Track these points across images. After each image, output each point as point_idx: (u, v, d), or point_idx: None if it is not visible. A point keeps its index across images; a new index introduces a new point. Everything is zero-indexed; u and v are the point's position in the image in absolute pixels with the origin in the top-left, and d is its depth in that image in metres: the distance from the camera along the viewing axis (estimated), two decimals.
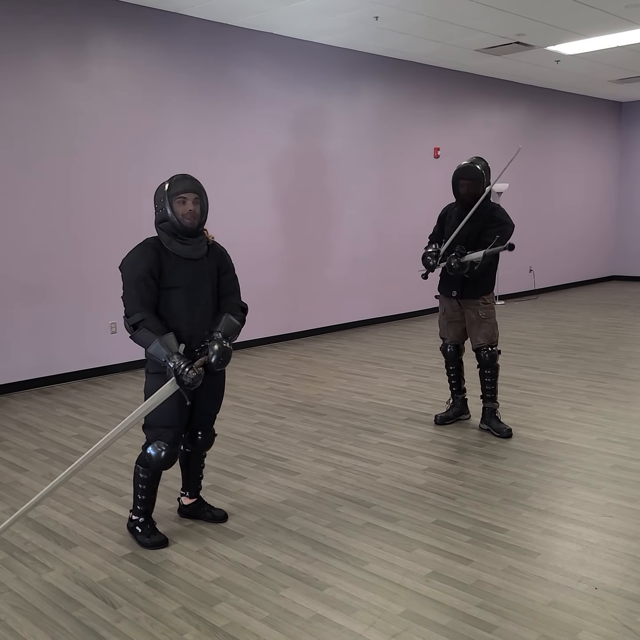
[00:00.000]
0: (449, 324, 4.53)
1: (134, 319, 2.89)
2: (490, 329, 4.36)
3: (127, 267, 2.97)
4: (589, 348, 6.95)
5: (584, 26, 6.99)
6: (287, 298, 7.61)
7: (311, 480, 3.77)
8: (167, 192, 2.98)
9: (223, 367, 2.98)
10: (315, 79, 7.60)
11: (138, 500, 3.10)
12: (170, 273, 2.97)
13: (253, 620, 2.49)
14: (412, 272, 8.39)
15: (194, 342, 2.98)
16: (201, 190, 3.06)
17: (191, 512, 3.33)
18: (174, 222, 2.96)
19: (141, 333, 2.88)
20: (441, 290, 4.53)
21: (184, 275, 2.99)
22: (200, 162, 6.69)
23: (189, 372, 2.82)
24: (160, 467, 3.04)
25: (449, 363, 4.62)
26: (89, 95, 5.90)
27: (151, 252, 2.97)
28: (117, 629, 2.46)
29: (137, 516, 3.12)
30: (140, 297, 2.91)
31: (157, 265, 2.95)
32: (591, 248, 12.13)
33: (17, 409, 5.23)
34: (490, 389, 4.45)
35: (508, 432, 4.35)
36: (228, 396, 5.46)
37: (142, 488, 3.08)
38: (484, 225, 4.25)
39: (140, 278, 2.92)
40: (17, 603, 2.64)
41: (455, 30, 7.08)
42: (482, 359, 4.40)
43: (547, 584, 2.70)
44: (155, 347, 2.85)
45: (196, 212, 3.00)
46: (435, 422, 4.62)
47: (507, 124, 10.10)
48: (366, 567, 2.85)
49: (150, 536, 3.07)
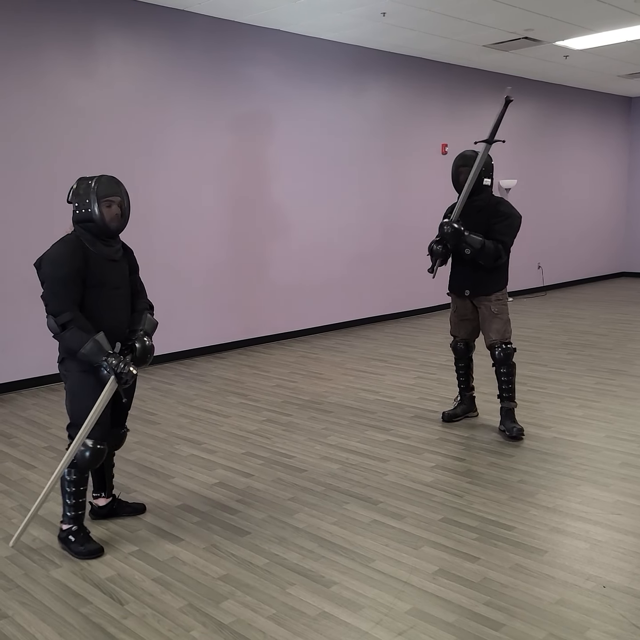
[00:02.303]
0: (461, 321, 4.49)
1: (62, 318, 2.87)
2: (502, 324, 4.29)
3: (52, 265, 2.93)
4: (598, 345, 6.92)
5: (592, 21, 6.94)
6: (294, 295, 7.60)
7: (318, 477, 3.77)
8: (95, 193, 2.96)
9: (147, 364, 3.10)
10: (323, 75, 7.58)
11: (67, 506, 3.01)
12: (94, 273, 2.97)
13: (259, 618, 2.50)
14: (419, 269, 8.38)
15: (115, 339, 3.02)
16: (125, 193, 3.08)
17: (109, 512, 3.30)
18: (100, 225, 2.97)
19: (72, 333, 2.87)
20: (452, 289, 4.48)
21: (106, 276, 3.02)
22: (206, 159, 6.70)
23: (129, 371, 2.92)
24: (88, 466, 2.99)
25: (458, 360, 4.59)
26: (95, 92, 5.91)
27: (79, 250, 2.96)
28: (124, 626, 2.47)
29: (68, 525, 3.01)
30: (68, 296, 2.90)
31: (83, 264, 2.94)
32: (600, 244, 12.07)
33: (25, 406, 5.26)
34: (507, 388, 4.34)
35: (518, 431, 4.26)
36: (235, 393, 5.47)
37: (70, 491, 2.99)
38: (489, 219, 4.20)
39: (68, 276, 2.90)
40: (25, 599, 2.66)
41: (463, 26, 7.04)
42: (496, 356, 4.32)
43: (554, 582, 2.69)
44: (90, 347, 2.86)
45: (120, 215, 3.04)
46: (443, 419, 4.60)
47: (516, 119, 10.05)
48: (373, 564, 2.84)
49: (85, 544, 2.96)
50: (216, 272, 6.90)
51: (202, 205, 6.73)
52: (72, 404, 3.02)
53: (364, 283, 8.31)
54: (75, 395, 3.01)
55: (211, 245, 6.84)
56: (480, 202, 4.22)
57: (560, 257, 11.21)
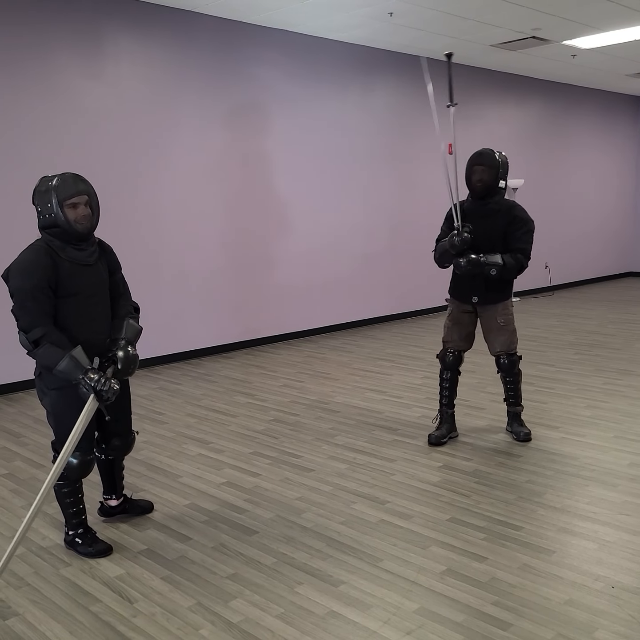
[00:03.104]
0: (454, 325, 4.24)
1: (34, 334, 2.67)
2: (508, 336, 4.16)
3: (19, 277, 2.71)
4: (605, 345, 6.90)
5: (600, 20, 6.92)
6: (301, 295, 7.61)
7: (325, 477, 3.78)
8: (56, 196, 2.72)
9: (132, 375, 2.93)
10: (330, 75, 7.59)
11: (70, 515, 2.98)
12: (66, 280, 2.76)
13: (268, 616, 2.51)
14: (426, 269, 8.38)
15: (95, 351, 2.84)
16: (91, 189, 2.82)
17: (121, 512, 3.31)
18: (67, 229, 2.75)
19: (45, 349, 2.67)
20: (454, 295, 4.25)
21: (80, 282, 2.81)
22: (214, 160, 6.71)
23: (110, 387, 2.74)
24: (79, 476, 2.95)
25: (445, 372, 4.28)
26: (102, 92, 5.93)
27: (46, 258, 2.73)
28: (134, 624, 2.48)
29: (73, 530, 3.00)
30: (38, 310, 2.69)
31: (53, 273, 2.72)
32: (607, 244, 12.03)
33: (34, 405, 5.28)
34: (512, 394, 4.29)
35: (525, 435, 4.22)
36: (243, 393, 5.49)
37: (68, 502, 2.97)
38: (507, 227, 4.02)
39: (37, 288, 2.68)
40: (35, 597, 2.67)
41: (470, 26, 7.03)
42: (501, 365, 4.23)
43: (562, 582, 2.68)
44: (66, 364, 2.67)
45: (88, 215, 2.80)
46: (430, 442, 4.20)
47: (523, 119, 10.04)
48: (380, 564, 2.85)
49: (93, 545, 2.96)
50: (223, 272, 6.91)
51: (210, 205, 6.74)
52: (55, 422, 2.90)
53: (370, 283, 8.31)
54: (57, 414, 2.87)
55: (218, 245, 6.86)
56: (494, 205, 4.04)
57: (568, 256, 11.18)
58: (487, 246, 4.03)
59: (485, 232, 4.03)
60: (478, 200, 4.07)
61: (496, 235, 4.05)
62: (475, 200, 4.09)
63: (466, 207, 4.13)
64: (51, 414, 2.91)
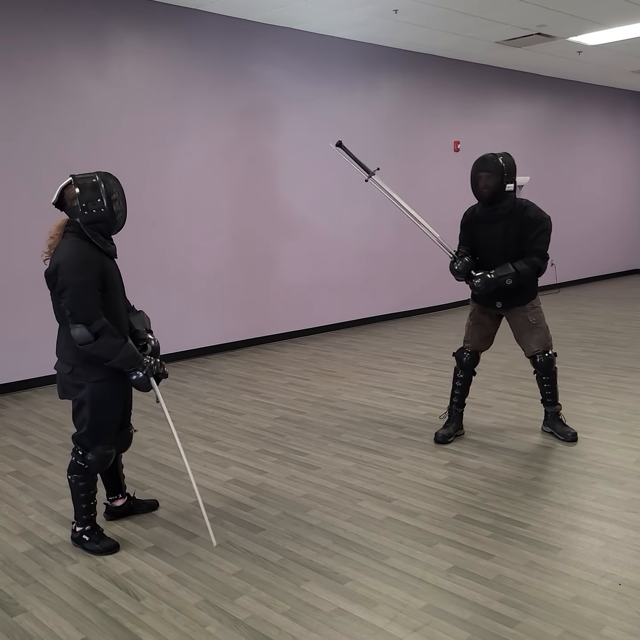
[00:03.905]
0: (475, 325, 4.22)
1: (96, 326, 2.77)
2: (543, 333, 4.11)
3: (74, 272, 2.78)
4: (612, 342, 6.87)
5: (606, 16, 6.89)
6: (306, 293, 7.61)
7: (331, 474, 3.78)
8: (105, 192, 2.85)
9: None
10: (335, 73, 7.58)
11: (81, 510, 3.01)
12: (108, 275, 2.90)
13: (274, 613, 2.51)
14: (432, 267, 8.38)
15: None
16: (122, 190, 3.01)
17: (126, 511, 3.31)
18: (111, 223, 2.89)
19: (105, 340, 2.79)
20: (477, 300, 4.19)
21: (114, 277, 2.96)
22: (218, 157, 6.72)
23: (164, 371, 3.00)
24: (98, 470, 3.01)
25: (460, 370, 4.27)
26: (108, 91, 5.94)
27: (94, 253, 2.86)
28: (141, 621, 2.49)
29: (81, 527, 3.02)
30: (96, 303, 2.81)
31: (102, 268, 2.86)
32: (614, 242, 11.98)
33: (40, 403, 5.30)
34: (550, 394, 4.23)
35: (573, 435, 4.15)
36: (248, 391, 5.49)
37: (83, 496, 2.99)
38: (520, 230, 3.94)
39: (93, 281, 2.80)
40: (42, 594, 2.68)
41: (475, 23, 7.01)
42: (538, 365, 4.13)
43: (569, 579, 2.68)
44: (125, 352, 2.83)
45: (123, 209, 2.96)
46: (436, 440, 4.19)
47: (529, 116, 10.00)
48: (387, 561, 2.85)
49: (100, 542, 2.99)
50: (229, 271, 6.92)
51: (216, 205, 6.75)
52: (92, 413, 2.92)
53: (376, 281, 8.30)
54: (99, 405, 2.92)
55: (224, 244, 6.86)
56: (502, 210, 3.94)
57: (574, 254, 11.14)
58: (499, 252, 3.98)
59: (497, 238, 3.99)
60: (487, 206, 4.00)
61: (509, 239, 3.98)
62: (485, 206, 4.02)
63: (477, 213, 4.10)
64: (89, 405, 2.92)
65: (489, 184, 3.91)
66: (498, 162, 3.90)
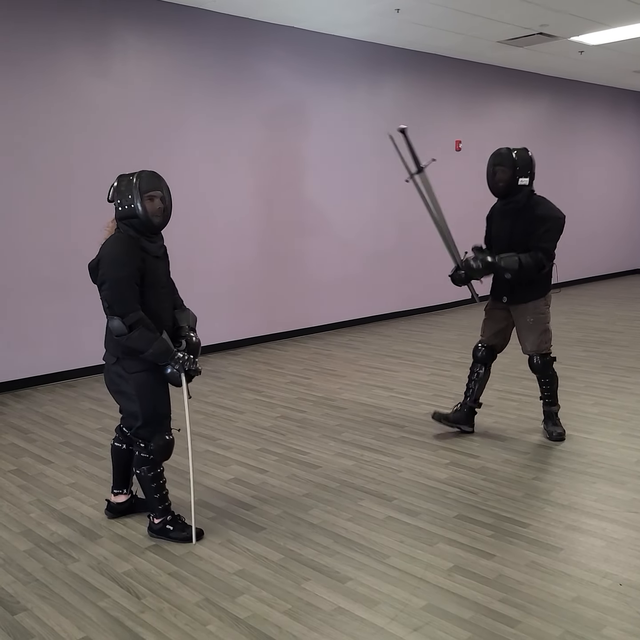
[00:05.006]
0: (488, 319, 4.28)
1: (131, 319, 2.85)
2: (537, 336, 4.10)
3: (115, 266, 2.87)
4: (613, 342, 6.87)
5: (608, 16, 6.88)
6: (307, 292, 7.61)
7: (332, 473, 3.78)
8: (138, 188, 2.91)
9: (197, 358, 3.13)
10: (337, 72, 7.57)
11: (156, 501, 3.06)
12: (148, 271, 2.95)
13: (275, 612, 2.51)
14: (434, 266, 8.36)
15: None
16: (166, 188, 3.03)
17: (127, 509, 3.31)
18: (144, 220, 2.92)
19: (140, 333, 2.86)
20: (491, 293, 4.28)
21: (156, 273, 3.00)
22: (222, 156, 6.71)
23: (197, 367, 3.01)
24: (164, 458, 3.08)
25: (476, 365, 4.32)
26: (110, 90, 5.94)
27: (136, 249, 2.92)
28: (142, 619, 2.49)
29: (161, 517, 3.07)
30: (134, 297, 2.88)
31: (142, 263, 2.91)
32: (615, 241, 11.97)
33: (42, 402, 5.30)
34: (547, 394, 4.25)
35: (558, 435, 4.17)
36: (249, 390, 5.49)
37: (154, 487, 3.05)
38: (529, 226, 3.95)
39: (132, 276, 2.87)
40: (43, 593, 2.69)
41: (477, 22, 7.01)
42: (533, 366, 4.19)
43: (570, 579, 2.68)
44: (159, 346, 2.88)
45: (162, 209, 2.98)
46: (433, 417, 4.36)
47: (531, 116, 10.00)
48: (388, 560, 2.85)
49: (186, 529, 3.04)
50: (230, 271, 6.92)
51: (218, 204, 6.74)
52: (141, 403, 2.99)
53: (379, 280, 8.30)
54: (144, 395, 2.99)
55: (226, 245, 6.86)
56: (514, 204, 4.00)
57: (575, 253, 11.11)
58: (504, 245, 4.04)
59: (505, 231, 4.05)
60: (502, 200, 4.10)
61: (515, 234, 4.01)
62: (501, 199, 4.12)
63: (496, 206, 4.23)
64: (135, 396, 2.99)
65: (503, 177, 4.00)
66: (511, 156, 3.99)
